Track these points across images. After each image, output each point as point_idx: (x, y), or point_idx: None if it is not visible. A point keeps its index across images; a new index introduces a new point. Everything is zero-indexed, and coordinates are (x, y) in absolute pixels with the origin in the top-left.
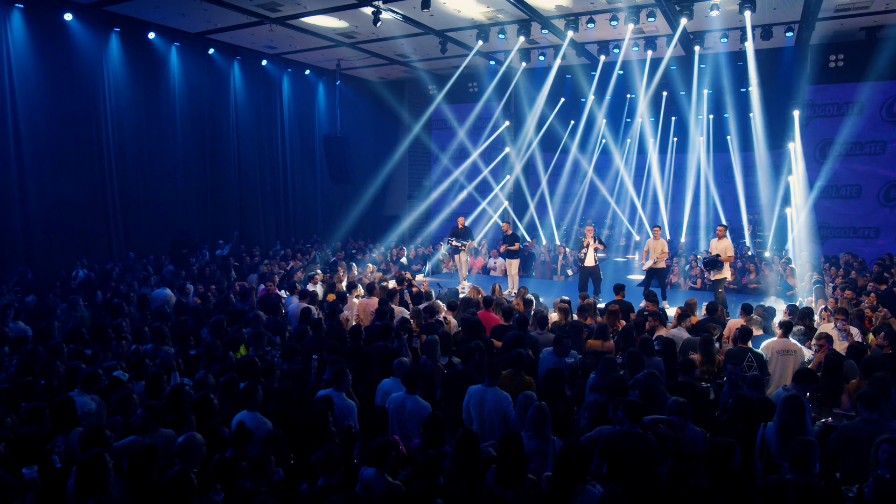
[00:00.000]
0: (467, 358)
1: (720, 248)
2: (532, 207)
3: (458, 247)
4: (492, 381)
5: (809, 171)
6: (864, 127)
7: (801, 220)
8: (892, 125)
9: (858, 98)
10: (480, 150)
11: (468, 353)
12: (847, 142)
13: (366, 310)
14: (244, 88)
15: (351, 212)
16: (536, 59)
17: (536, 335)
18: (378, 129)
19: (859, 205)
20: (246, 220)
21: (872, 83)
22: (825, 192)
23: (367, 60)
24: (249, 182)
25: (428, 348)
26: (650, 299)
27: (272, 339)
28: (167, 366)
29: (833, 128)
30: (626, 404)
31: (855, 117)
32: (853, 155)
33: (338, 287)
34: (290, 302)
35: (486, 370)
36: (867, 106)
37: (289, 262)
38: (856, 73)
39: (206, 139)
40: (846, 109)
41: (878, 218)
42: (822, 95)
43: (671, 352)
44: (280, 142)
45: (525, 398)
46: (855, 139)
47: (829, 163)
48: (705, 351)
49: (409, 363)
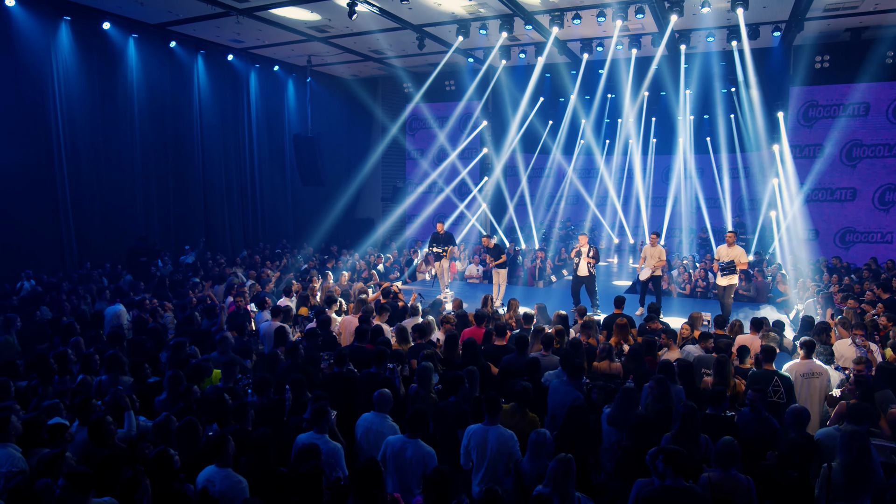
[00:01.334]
0: (454, 387)
1: (734, 254)
2: (511, 210)
3: (440, 253)
4: (493, 418)
5: (800, 173)
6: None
7: (794, 223)
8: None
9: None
10: (458, 150)
11: (454, 382)
12: (845, 142)
13: (348, 329)
14: (209, 85)
15: (323, 215)
16: (517, 56)
17: (539, 357)
18: (350, 128)
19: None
20: (211, 224)
21: (867, 84)
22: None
23: (339, 56)
24: (215, 184)
25: (422, 376)
26: (654, 313)
27: (244, 365)
28: (119, 402)
29: (827, 129)
30: (668, 455)
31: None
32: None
33: (312, 300)
34: (261, 319)
35: (486, 407)
36: (871, 106)
37: (260, 269)
38: (847, 75)
39: (168, 138)
40: (838, 111)
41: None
42: (822, 96)
43: (689, 376)
44: (247, 141)
45: (538, 437)
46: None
47: (818, 164)
48: (720, 373)
49: (391, 395)
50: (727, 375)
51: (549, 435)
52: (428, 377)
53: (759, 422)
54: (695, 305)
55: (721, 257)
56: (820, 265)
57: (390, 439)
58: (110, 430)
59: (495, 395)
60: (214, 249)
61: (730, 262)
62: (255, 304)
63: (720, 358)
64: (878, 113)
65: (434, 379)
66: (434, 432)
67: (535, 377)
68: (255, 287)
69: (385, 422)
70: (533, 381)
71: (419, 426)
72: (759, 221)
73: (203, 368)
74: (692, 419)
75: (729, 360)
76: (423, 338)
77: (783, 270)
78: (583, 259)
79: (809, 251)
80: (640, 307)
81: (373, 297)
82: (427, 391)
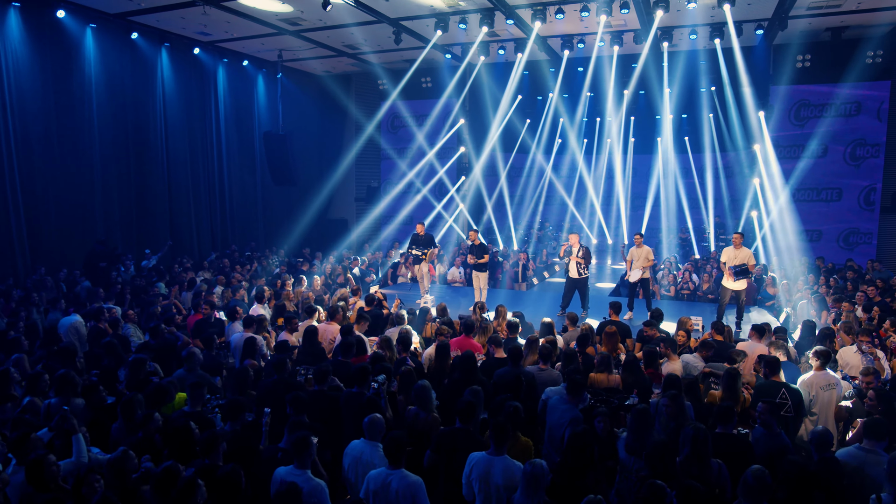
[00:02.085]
0: (468, 417)
1: (742, 256)
2: (490, 210)
3: (420, 256)
4: (499, 447)
5: (794, 173)
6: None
7: (783, 223)
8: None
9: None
10: (435, 150)
11: (469, 410)
12: (823, 143)
13: (324, 339)
14: (174, 79)
15: (295, 217)
16: (496, 53)
17: (535, 372)
18: (323, 126)
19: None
20: (177, 226)
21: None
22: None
23: (312, 51)
24: (181, 184)
25: (420, 396)
26: (655, 318)
27: (213, 384)
28: (66, 430)
29: (820, 127)
30: (683, 495)
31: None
32: (828, 157)
33: (288, 306)
34: (232, 330)
35: (493, 434)
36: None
37: (230, 274)
38: (829, 75)
39: (130, 135)
40: (830, 111)
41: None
42: (812, 95)
43: (695, 392)
44: (215, 139)
45: (534, 469)
46: (829, 140)
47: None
48: (730, 387)
49: (382, 421)
50: (737, 390)
51: (546, 466)
52: (427, 397)
53: (770, 438)
54: (682, 308)
55: (729, 260)
56: (821, 267)
57: (371, 474)
58: (51, 472)
59: (504, 422)
60: (182, 252)
61: (742, 264)
62: (226, 314)
63: (730, 371)
64: (869, 113)
65: (433, 400)
66: (433, 462)
67: (531, 393)
68: (225, 294)
69: (377, 451)
70: (529, 398)
71: (400, 453)
72: (740, 221)
73: (165, 391)
74: (703, 442)
75: (739, 374)
76: (406, 349)
77: (770, 272)
78: (572, 259)
79: (802, 252)
80: (628, 311)
81: (352, 302)
82: (428, 412)
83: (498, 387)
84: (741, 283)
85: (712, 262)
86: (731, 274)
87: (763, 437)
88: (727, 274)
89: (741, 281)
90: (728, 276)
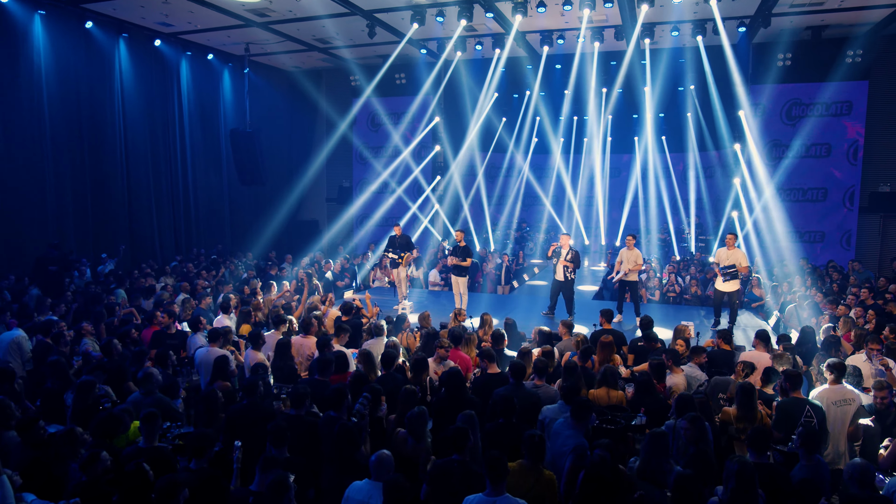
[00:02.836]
0: (461, 444)
1: (734, 258)
2: (466, 210)
3: (397, 260)
4: (497, 486)
5: (786, 172)
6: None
7: (773, 224)
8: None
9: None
10: (410, 148)
11: (462, 439)
12: (806, 143)
13: (301, 352)
14: (133, 72)
15: (264, 218)
16: (473, 49)
17: (532, 388)
18: (293, 124)
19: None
20: (137, 229)
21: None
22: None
23: (281, 45)
24: (141, 183)
25: (414, 424)
26: (647, 328)
27: (173, 409)
28: None
29: (813, 126)
30: None
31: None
32: (811, 156)
33: (255, 316)
34: (196, 343)
35: (488, 471)
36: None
37: (194, 280)
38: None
39: (85, 131)
40: (808, 110)
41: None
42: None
43: (708, 411)
44: (178, 136)
45: None
46: (812, 140)
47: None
48: (745, 404)
49: (391, 460)
50: (754, 408)
51: None
52: (423, 426)
53: (811, 469)
54: (670, 312)
55: (721, 261)
56: (805, 268)
57: None
58: None
59: (499, 456)
60: (142, 257)
61: (731, 265)
62: (189, 325)
63: (745, 386)
64: (847, 113)
65: (427, 427)
66: (428, 499)
67: (528, 416)
68: (188, 302)
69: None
70: (526, 420)
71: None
72: (721, 222)
73: (117, 421)
74: (750, 479)
75: (755, 389)
76: (389, 367)
77: (755, 273)
78: (560, 262)
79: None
80: (617, 314)
81: (324, 310)
82: (419, 440)
83: (499, 409)
84: (733, 285)
85: (696, 263)
86: (721, 275)
87: (802, 467)
88: (718, 275)
89: (733, 282)
90: (719, 276)
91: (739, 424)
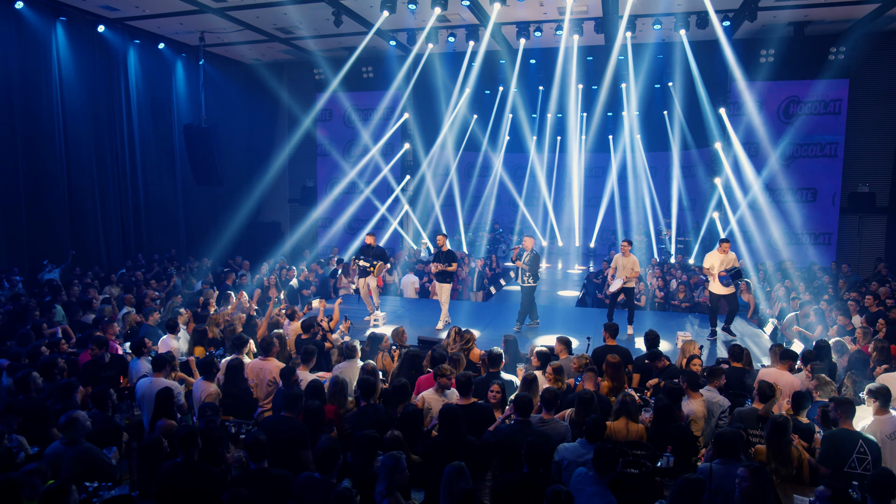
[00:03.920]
0: None
1: (728, 261)
2: (437, 211)
3: (368, 268)
4: None
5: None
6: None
7: (768, 225)
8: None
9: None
10: (378, 146)
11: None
12: (797, 142)
13: (260, 380)
14: (73, 60)
15: (221, 220)
16: (446, 41)
17: (538, 425)
18: (252, 119)
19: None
20: (80, 233)
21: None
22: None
23: (239, 34)
24: (84, 183)
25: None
26: (654, 344)
27: (103, 464)
28: None
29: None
30: None
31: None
32: (805, 157)
33: (211, 333)
34: (140, 370)
35: None
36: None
37: (142, 291)
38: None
39: (17, 124)
40: (797, 108)
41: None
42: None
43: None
44: (126, 131)
45: None
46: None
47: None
48: (778, 447)
49: None
50: (789, 452)
51: None
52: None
53: None
54: (659, 319)
55: (715, 266)
56: (814, 272)
57: None
58: None
59: None
60: (87, 264)
61: (734, 267)
62: (132, 348)
63: (778, 421)
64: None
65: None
66: None
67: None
68: (130, 317)
69: None
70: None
71: None
72: (703, 223)
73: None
74: None
75: (789, 426)
76: (370, 398)
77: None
78: (519, 265)
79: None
80: None
81: (291, 328)
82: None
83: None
84: (731, 288)
85: (678, 266)
86: (726, 277)
87: None
88: (713, 279)
89: (732, 286)
90: (714, 280)
91: (771, 464)
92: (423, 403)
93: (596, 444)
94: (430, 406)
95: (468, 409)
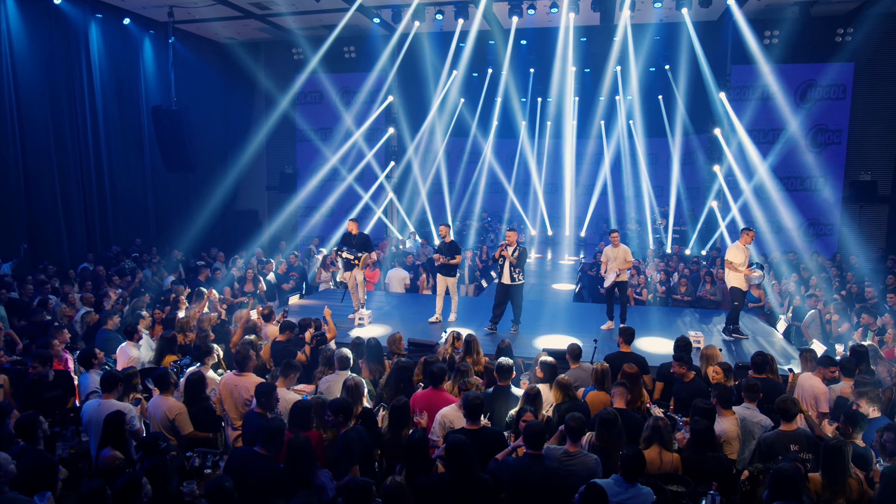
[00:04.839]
0: None
1: (748, 253)
2: (424, 199)
3: (352, 261)
4: None
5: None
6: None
7: (778, 215)
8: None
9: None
10: (361, 131)
11: None
12: (803, 129)
13: (236, 398)
14: (26, 35)
15: (194, 209)
16: (433, 19)
17: (562, 458)
18: (227, 101)
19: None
20: (38, 224)
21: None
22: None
23: (212, 10)
24: (42, 169)
25: None
26: (686, 350)
27: None
28: None
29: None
30: None
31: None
32: (810, 144)
33: (182, 338)
34: (88, 386)
35: None
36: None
37: (102, 288)
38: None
39: None
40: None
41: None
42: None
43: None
44: (89, 114)
45: None
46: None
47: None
48: (833, 477)
49: None
50: (844, 483)
51: None
52: None
53: None
54: (663, 315)
55: (738, 258)
56: (819, 264)
57: None
58: None
59: None
60: (46, 258)
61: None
62: (80, 360)
63: (834, 447)
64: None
65: None
66: None
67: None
68: (89, 318)
69: None
70: None
71: None
72: (703, 211)
73: None
74: None
75: (847, 449)
76: (346, 420)
77: None
78: (507, 262)
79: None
80: (608, 320)
81: (269, 331)
82: None
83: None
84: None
85: (676, 258)
86: (754, 271)
87: None
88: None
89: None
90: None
91: (825, 495)
92: (445, 423)
93: (635, 484)
94: (451, 425)
95: (477, 434)
